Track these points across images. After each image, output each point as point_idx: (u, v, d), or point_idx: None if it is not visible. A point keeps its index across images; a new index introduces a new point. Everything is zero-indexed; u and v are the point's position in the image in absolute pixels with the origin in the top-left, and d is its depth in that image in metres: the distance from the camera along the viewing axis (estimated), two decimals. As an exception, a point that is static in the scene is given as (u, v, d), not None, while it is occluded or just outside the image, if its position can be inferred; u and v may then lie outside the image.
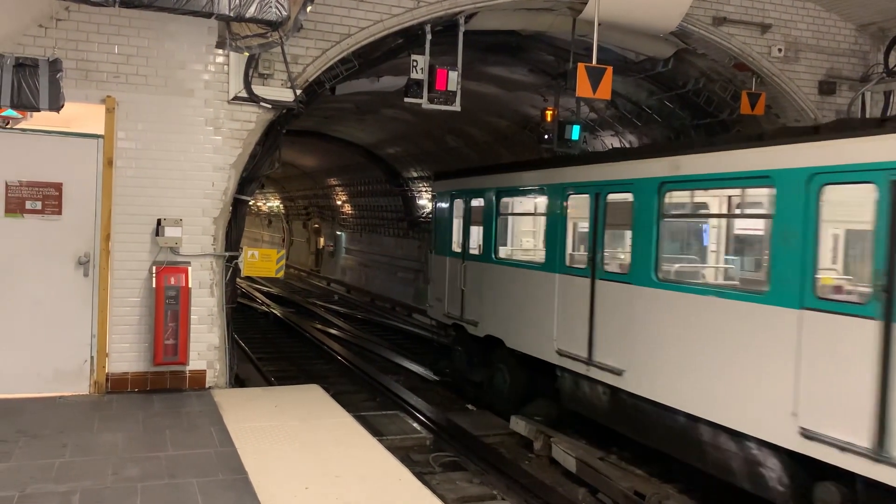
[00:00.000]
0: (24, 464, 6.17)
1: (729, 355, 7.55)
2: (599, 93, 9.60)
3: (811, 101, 11.57)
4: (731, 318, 7.55)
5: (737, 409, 7.44)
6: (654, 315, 8.61)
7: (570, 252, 10.64)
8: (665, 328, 8.42)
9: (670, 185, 8.58)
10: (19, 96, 7.24)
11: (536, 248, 12.58)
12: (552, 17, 10.72)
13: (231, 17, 7.50)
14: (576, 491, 8.94)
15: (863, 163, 6.44)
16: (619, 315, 9.14)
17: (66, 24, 8.21)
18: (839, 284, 7.31)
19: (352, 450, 6.87)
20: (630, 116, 14.49)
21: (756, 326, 7.26)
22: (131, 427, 7.30)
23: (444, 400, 13.21)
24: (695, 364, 7.97)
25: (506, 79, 14.71)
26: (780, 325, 6.97)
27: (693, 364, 8.00)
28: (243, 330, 18.13)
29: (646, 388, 8.64)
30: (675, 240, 10.25)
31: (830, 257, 7.60)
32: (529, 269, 11.31)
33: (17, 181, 8.19)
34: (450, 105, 9.87)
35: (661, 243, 8.74)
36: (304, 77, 9.13)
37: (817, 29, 11.58)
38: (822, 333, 6.60)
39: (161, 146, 8.61)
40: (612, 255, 10.08)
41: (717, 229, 10.16)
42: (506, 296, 11.71)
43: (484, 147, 19.74)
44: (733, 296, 7.67)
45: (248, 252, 9.34)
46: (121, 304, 8.51)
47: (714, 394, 7.72)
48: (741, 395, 7.39)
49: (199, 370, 8.80)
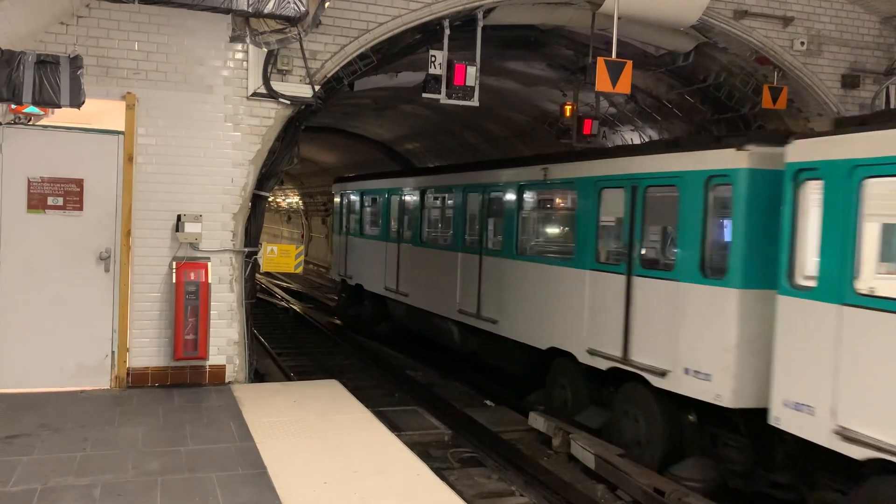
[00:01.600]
0: (46, 457, 6.23)
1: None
2: (619, 87, 9.53)
3: (834, 94, 11.43)
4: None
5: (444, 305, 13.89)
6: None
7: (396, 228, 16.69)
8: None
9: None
10: (41, 93, 7.29)
11: (375, 226, 18.48)
12: (571, 11, 10.66)
13: (249, 13, 7.54)
14: (594, 488, 8.90)
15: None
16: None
17: (86, 20, 8.27)
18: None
19: (370, 445, 6.89)
20: (650, 111, 14.39)
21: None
22: (151, 421, 7.36)
23: (463, 396, 13.20)
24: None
25: (524, 74, 14.65)
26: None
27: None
28: (263, 325, 18.22)
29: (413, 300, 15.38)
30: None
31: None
32: (376, 240, 17.75)
33: (38, 178, 8.26)
34: (468, 100, 9.82)
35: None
36: (322, 73, 9.14)
37: (840, 22, 11.43)
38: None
39: (181, 142, 8.66)
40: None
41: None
42: (366, 257, 18.43)
43: (502, 142, 19.70)
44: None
45: (268, 247, 9.37)
46: (141, 299, 8.57)
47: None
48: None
49: (219, 365, 8.84)
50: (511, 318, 11.84)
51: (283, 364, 14.92)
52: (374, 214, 18.53)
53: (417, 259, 15.40)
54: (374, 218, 18.54)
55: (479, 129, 19.81)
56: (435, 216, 15.64)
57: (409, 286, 15.64)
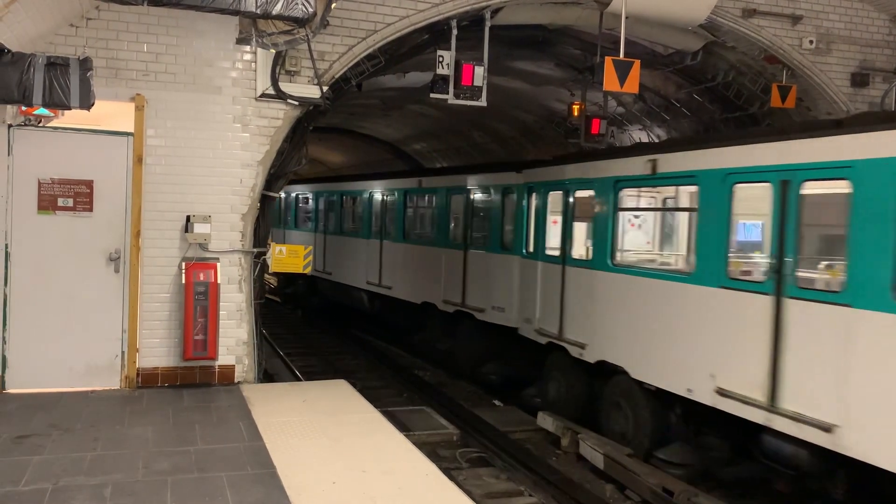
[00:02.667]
0: (56, 457, 6.26)
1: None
2: (627, 87, 9.49)
3: (843, 93, 11.37)
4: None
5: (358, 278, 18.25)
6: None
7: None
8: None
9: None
10: (51, 95, 7.34)
11: (307, 221, 22.91)
12: (579, 11, 10.64)
13: (258, 14, 7.55)
14: (603, 487, 8.88)
15: None
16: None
17: (96, 22, 8.31)
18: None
19: (379, 445, 6.90)
20: (658, 110, 14.36)
21: None
22: (161, 421, 7.39)
23: (472, 396, 13.20)
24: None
25: (532, 73, 14.63)
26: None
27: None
28: (271, 326, 18.26)
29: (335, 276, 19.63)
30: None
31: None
32: (308, 231, 22.16)
33: (49, 179, 8.31)
34: (476, 100, 9.81)
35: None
36: (330, 74, 9.15)
37: (850, 20, 11.38)
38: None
39: (190, 143, 8.69)
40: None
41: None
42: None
43: (510, 142, 19.69)
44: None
45: (276, 248, 9.40)
46: (151, 299, 8.61)
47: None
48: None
49: (228, 365, 8.87)
50: (399, 284, 16.23)
51: (292, 364, 14.96)
52: (305, 212, 23.24)
53: (339, 246, 19.78)
54: (305, 215, 23.17)
55: (487, 128, 19.80)
56: (348, 213, 20.08)
57: (333, 267, 19.94)
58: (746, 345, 7.65)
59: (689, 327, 8.42)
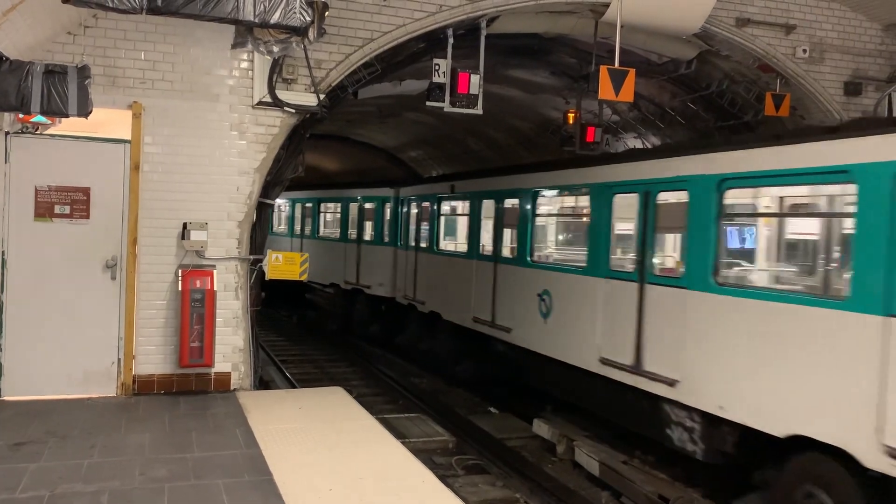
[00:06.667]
0: (53, 464, 6.27)
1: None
2: (622, 95, 9.56)
3: (837, 102, 11.44)
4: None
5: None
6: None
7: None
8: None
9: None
10: (48, 102, 7.36)
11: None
12: (574, 20, 10.71)
13: (255, 23, 7.59)
14: (599, 494, 8.92)
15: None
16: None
17: (93, 30, 8.34)
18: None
19: (375, 452, 6.91)
20: (653, 118, 14.42)
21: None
22: (158, 428, 7.40)
23: (468, 403, 13.22)
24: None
25: (528, 81, 14.69)
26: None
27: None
28: (267, 333, 18.25)
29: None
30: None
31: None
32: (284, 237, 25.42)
33: (46, 186, 8.32)
34: (472, 108, 9.88)
35: None
36: (327, 82, 9.19)
37: (843, 29, 11.46)
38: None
39: (187, 151, 8.71)
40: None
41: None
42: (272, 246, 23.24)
43: (506, 149, 19.73)
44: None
45: (273, 255, 9.42)
46: (147, 306, 8.62)
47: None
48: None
49: (224, 372, 8.88)
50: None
51: (287, 372, 14.96)
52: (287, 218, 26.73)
53: (316, 247, 21.97)
54: (287, 221, 26.55)
55: (483, 136, 19.84)
56: (327, 219, 23.34)
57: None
58: (624, 322, 9.34)
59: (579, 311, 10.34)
